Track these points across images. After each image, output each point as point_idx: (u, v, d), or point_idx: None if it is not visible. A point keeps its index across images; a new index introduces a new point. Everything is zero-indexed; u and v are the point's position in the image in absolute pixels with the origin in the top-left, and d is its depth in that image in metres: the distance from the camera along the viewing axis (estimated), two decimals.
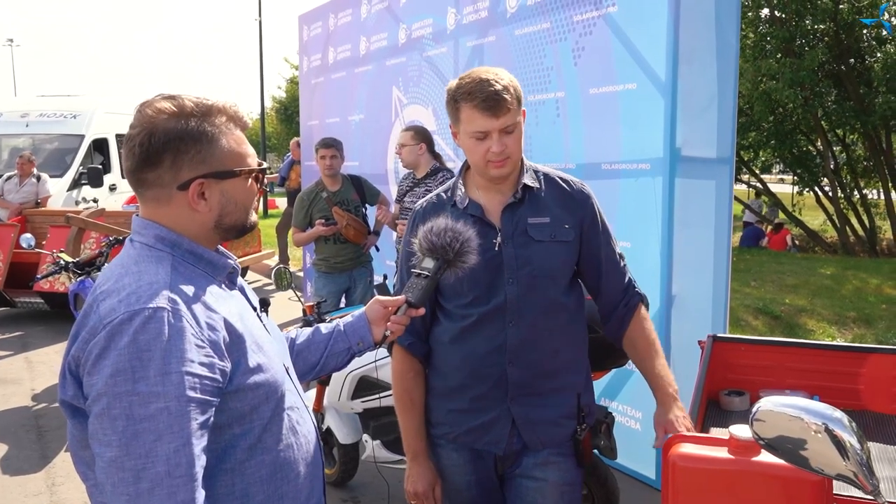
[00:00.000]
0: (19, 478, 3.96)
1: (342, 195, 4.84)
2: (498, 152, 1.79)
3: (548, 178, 1.94)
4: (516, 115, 1.81)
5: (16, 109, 11.12)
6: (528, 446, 1.91)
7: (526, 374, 1.88)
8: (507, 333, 1.86)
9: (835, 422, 0.96)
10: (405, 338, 1.97)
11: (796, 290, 8.22)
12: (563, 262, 1.89)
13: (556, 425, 1.91)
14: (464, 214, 1.88)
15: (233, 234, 1.36)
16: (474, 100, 1.77)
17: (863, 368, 2.55)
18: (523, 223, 1.87)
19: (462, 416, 1.93)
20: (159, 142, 1.24)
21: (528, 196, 1.89)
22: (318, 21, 7.20)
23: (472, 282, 1.85)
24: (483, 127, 1.79)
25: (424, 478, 1.97)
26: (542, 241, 1.86)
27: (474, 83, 1.78)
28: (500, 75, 1.81)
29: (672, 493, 1.55)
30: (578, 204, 1.92)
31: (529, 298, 1.86)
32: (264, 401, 1.27)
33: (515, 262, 1.85)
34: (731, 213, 3.62)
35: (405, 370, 2.00)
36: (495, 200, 1.90)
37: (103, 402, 1.11)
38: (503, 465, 1.96)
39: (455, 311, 1.92)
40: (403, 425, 2.01)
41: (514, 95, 1.80)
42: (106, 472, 1.11)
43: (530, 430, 1.90)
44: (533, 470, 1.92)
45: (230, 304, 1.30)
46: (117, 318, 1.14)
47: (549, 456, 1.92)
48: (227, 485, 1.24)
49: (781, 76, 10.70)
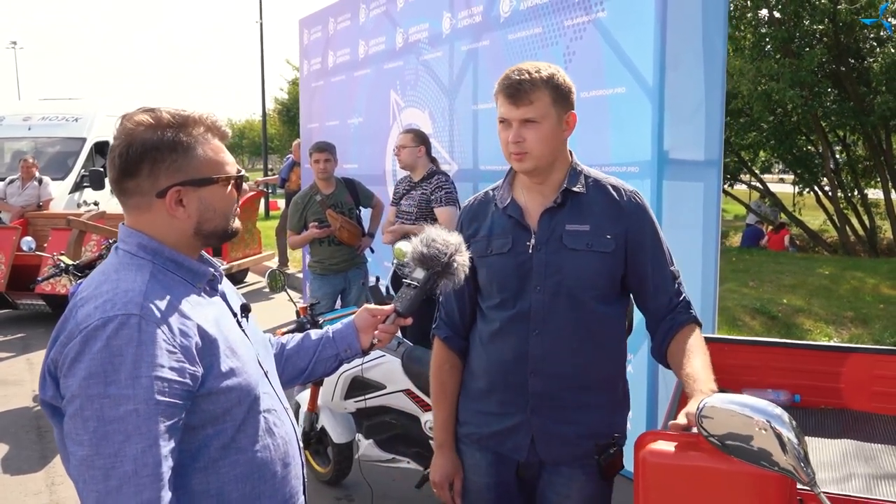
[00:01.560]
0: (19, 477, 4.03)
1: (336, 198, 4.90)
2: (513, 142, 1.76)
3: (597, 184, 1.85)
4: (543, 110, 1.75)
5: (18, 113, 11.20)
6: (544, 460, 1.88)
7: (549, 386, 1.84)
8: (531, 342, 1.82)
9: (776, 419, 1.01)
10: (443, 331, 1.99)
11: (794, 290, 8.25)
12: (597, 273, 1.80)
13: (573, 444, 1.85)
14: (503, 214, 1.87)
15: (214, 240, 1.40)
16: (501, 85, 1.77)
17: (843, 368, 2.59)
18: (560, 229, 1.81)
19: (487, 418, 1.92)
20: (136, 152, 1.29)
21: (571, 201, 1.82)
22: (318, 25, 7.25)
23: (501, 284, 1.84)
24: (504, 114, 1.78)
25: (443, 469, 1.96)
26: (576, 250, 1.79)
27: (510, 71, 1.77)
28: (539, 68, 1.77)
29: (643, 489, 1.59)
30: (626, 214, 1.82)
31: (556, 308, 1.80)
32: (237, 403, 1.32)
33: (545, 270, 1.80)
34: (720, 215, 3.67)
35: (441, 362, 2.00)
36: (536, 202, 1.85)
37: (77, 404, 1.17)
38: (526, 472, 1.92)
39: (487, 312, 1.91)
40: (435, 415, 2.02)
41: (545, 90, 1.75)
42: (78, 469, 1.17)
43: (546, 443, 1.86)
44: (556, 484, 1.89)
45: (207, 310, 1.34)
46: (92, 324, 1.19)
47: (572, 471, 1.87)
48: (202, 482, 1.29)
49: (781, 76, 10.73)
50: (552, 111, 1.77)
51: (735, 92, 11.38)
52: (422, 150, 4.37)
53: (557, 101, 1.78)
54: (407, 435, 3.34)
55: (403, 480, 3.77)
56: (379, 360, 3.31)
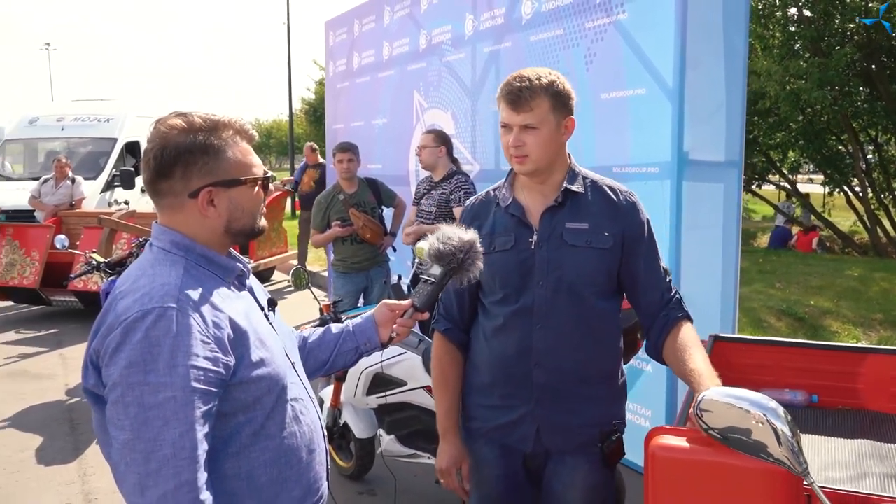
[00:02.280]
0: (53, 468, 4.16)
1: (358, 197, 4.98)
2: (513, 146, 1.85)
3: (595, 185, 1.94)
4: (541, 116, 1.83)
5: (52, 114, 11.47)
6: (549, 449, 1.95)
7: (552, 379, 1.91)
8: (534, 336, 1.89)
9: (771, 412, 1.05)
10: (442, 324, 2.06)
11: (821, 292, 8.16)
12: (596, 269, 1.89)
13: (578, 433, 1.92)
14: (505, 213, 1.95)
15: (242, 238, 1.48)
16: (503, 91, 1.86)
17: (861, 368, 2.59)
18: (560, 227, 1.89)
19: (492, 412, 1.98)
20: (171, 155, 1.36)
21: (571, 201, 1.91)
22: (344, 27, 7.35)
23: (503, 280, 1.92)
24: (505, 119, 1.86)
25: (449, 455, 2.00)
26: (576, 247, 1.87)
27: (512, 77, 1.86)
28: (540, 75, 1.84)
29: (652, 483, 1.63)
30: (623, 213, 1.91)
31: (557, 303, 1.88)
32: (266, 392, 1.39)
33: (546, 266, 1.88)
34: (740, 216, 3.68)
35: (441, 354, 2.07)
36: (537, 202, 1.94)
37: (118, 391, 1.24)
38: (532, 463, 2.00)
39: (489, 307, 1.98)
40: (437, 404, 2.07)
41: (545, 97, 1.82)
42: (120, 453, 1.24)
43: (551, 433, 1.93)
44: (561, 473, 1.96)
45: (237, 303, 1.41)
46: (132, 316, 1.26)
47: (576, 460, 1.94)
48: (234, 467, 1.36)
49: (809, 76, 10.61)
50: (551, 117, 1.85)
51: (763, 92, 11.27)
52: (442, 150, 4.42)
53: (557, 107, 1.86)
54: (428, 431, 3.39)
55: (424, 476, 3.83)
56: (400, 358, 3.37)
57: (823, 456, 2.23)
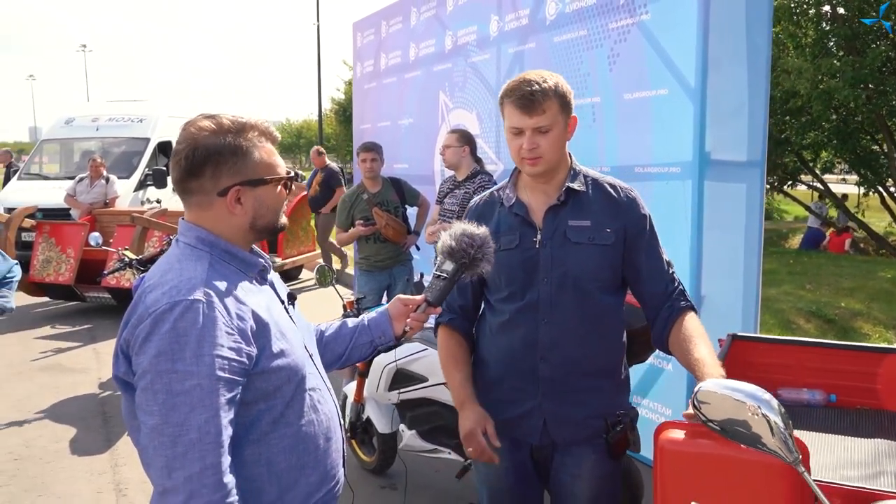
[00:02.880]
0: (86, 458, 4.29)
1: (382, 196, 5.05)
2: (528, 150, 1.88)
3: (595, 183, 1.99)
4: (553, 118, 1.87)
5: (87, 114, 11.72)
6: (555, 442, 2.00)
7: (558, 372, 1.95)
8: (540, 331, 1.94)
9: (765, 404, 1.08)
10: (444, 316, 2.10)
11: (853, 294, 8.05)
12: (599, 265, 1.93)
13: (583, 425, 1.97)
14: (510, 213, 2.00)
15: (266, 234, 1.55)
16: (512, 97, 1.88)
17: (880, 368, 2.58)
18: (563, 225, 1.94)
19: (500, 405, 2.01)
20: (201, 155, 1.43)
21: (573, 199, 1.96)
22: (371, 28, 7.43)
23: (509, 278, 1.97)
24: (517, 123, 1.89)
25: (472, 418, 1.95)
26: (579, 244, 1.92)
27: (517, 82, 1.89)
28: (545, 78, 1.88)
29: (661, 476, 1.67)
30: (623, 210, 1.96)
31: (562, 298, 1.93)
32: (286, 381, 1.46)
33: (551, 263, 1.93)
34: (762, 216, 3.67)
35: (447, 339, 2.10)
36: (540, 201, 1.98)
37: (148, 379, 1.31)
38: (539, 455, 2.05)
39: (496, 304, 2.03)
40: (450, 381, 2.06)
41: (554, 99, 1.86)
42: (149, 437, 1.31)
43: (558, 425, 1.97)
44: (568, 465, 2.00)
45: (259, 297, 1.48)
46: (160, 308, 1.33)
47: (583, 451, 1.98)
48: (254, 453, 1.43)
49: (842, 74, 10.46)
50: (560, 118, 1.90)
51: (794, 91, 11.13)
52: (466, 150, 4.47)
53: (563, 107, 1.90)
54: (448, 426, 3.44)
55: (446, 471, 3.88)
56: (421, 354, 3.42)
57: (840, 454, 2.24)
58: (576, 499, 2.01)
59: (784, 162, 14.04)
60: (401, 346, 3.57)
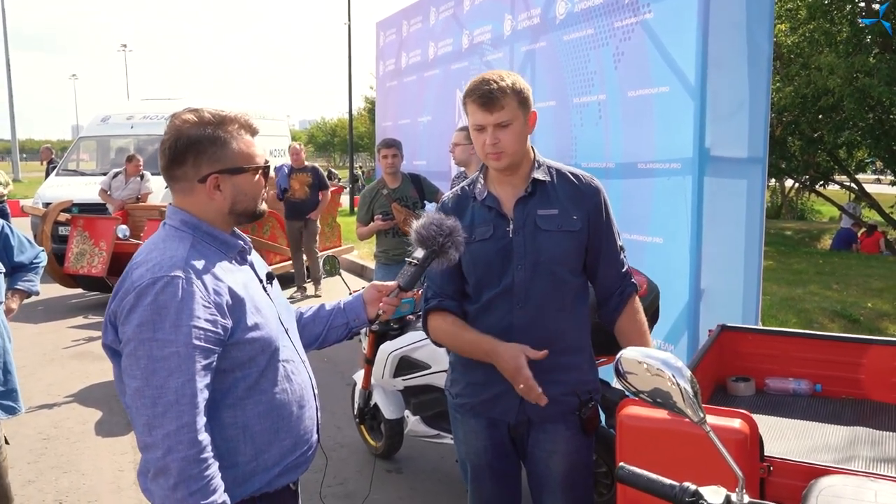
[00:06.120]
0: (110, 439, 4.51)
1: (401, 192, 5.18)
2: (491, 144, 1.99)
3: (559, 174, 2.12)
4: (512, 113, 1.98)
5: (122, 112, 12.05)
6: (531, 419, 2.11)
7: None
8: (514, 314, 2.05)
9: (678, 371, 1.18)
10: (432, 301, 2.17)
11: (881, 295, 7.94)
12: (569, 250, 2.06)
13: (558, 402, 2.05)
14: (482, 206, 2.11)
15: (245, 219, 1.68)
16: (473, 95, 2.00)
17: (864, 359, 2.63)
18: (533, 214, 2.06)
19: (478, 388, 2.14)
20: (183, 145, 1.58)
21: (539, 190, 2.08)
22: (393, 28, 7.58)
23: (485, 266, 2.08)
24: (479, 120, 2.00)
25: (509, 353, 1.96)
26: (549, 231, 2.04)
27: (477, 82, 2.01)
28: (502, 77, 2.00)
29: (621, 448, 1.78)
30: (586, 197, 2.09)
31: (536, 283, 2.05)
32: (260, 352, 1.59)
33: (524, 250, 2.04)
34: (763, 211, 3.71)
35: (440, 319, 2.14)
36: (510, 193, 2.10)
37: (132, 346, 1.46)
38: (515, 432, 2.15)
39: (472, 292, 2.15)
40: (468, 341, 2.07)
41: (512, 96, 1.98)
42: (132, 398, 1.46)
43: (533, 404, 2.02)
44: (543, 441, 2.11)
45: (237, 275, 1.62)
46: (144, 283, 1.47)
47: (557, 427, 2.09)
48: (231, 416, 1.57)
49: (877, 72, 10.29)
50: (519, 113, 2.01)
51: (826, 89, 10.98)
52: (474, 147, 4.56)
53: (521, 103, 2.01)
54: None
55: (449, 456, 3.99)
56: (424, 342, 3.53)
57: (817, 440, 2.31)
58: (551, 473, 2.12)
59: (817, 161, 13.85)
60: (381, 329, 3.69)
